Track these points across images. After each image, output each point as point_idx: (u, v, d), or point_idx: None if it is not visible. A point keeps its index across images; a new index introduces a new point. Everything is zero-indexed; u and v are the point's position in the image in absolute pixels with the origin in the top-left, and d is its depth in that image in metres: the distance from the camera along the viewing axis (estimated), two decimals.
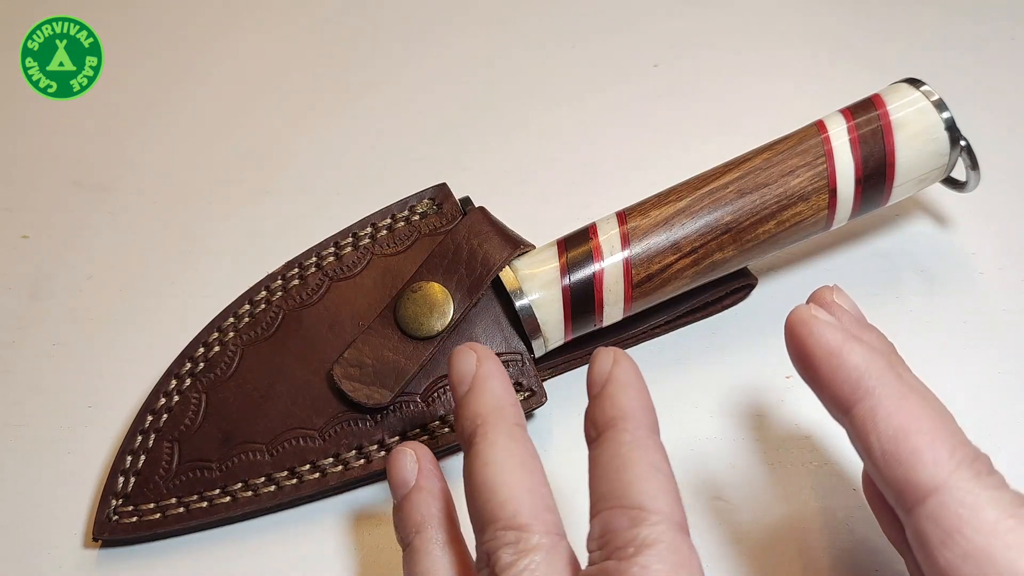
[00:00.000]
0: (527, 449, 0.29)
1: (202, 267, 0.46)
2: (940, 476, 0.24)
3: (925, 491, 0.24)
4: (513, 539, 0.26)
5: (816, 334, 0.27)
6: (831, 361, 0.26)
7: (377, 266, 0.40)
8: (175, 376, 0.39)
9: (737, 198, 0.38)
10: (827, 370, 0.27)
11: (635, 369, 0.28)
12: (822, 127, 0.39)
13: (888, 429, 0.25)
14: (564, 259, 0.38)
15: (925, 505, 0.24)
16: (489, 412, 0.29)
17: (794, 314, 0.28)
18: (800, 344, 0.27)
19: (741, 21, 0.55)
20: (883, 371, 0.26)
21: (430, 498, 0.32)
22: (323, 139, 0.51)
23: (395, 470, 0.33)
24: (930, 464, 0.24)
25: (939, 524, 0.24)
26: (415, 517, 0.31)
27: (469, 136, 0.51)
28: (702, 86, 0.52)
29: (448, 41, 0.56)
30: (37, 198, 0.50)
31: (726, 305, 0.42)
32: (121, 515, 0.36)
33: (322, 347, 0.39)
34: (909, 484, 0.24)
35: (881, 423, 0.25)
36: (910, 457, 0.25)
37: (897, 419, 0.25)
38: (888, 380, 0.26)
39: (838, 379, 0.26)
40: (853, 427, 0.26)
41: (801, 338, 0.27)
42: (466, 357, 0.31)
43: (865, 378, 0.26)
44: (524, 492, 0.27)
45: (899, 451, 0.25)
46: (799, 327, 0.27)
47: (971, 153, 0.39)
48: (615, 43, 0.55)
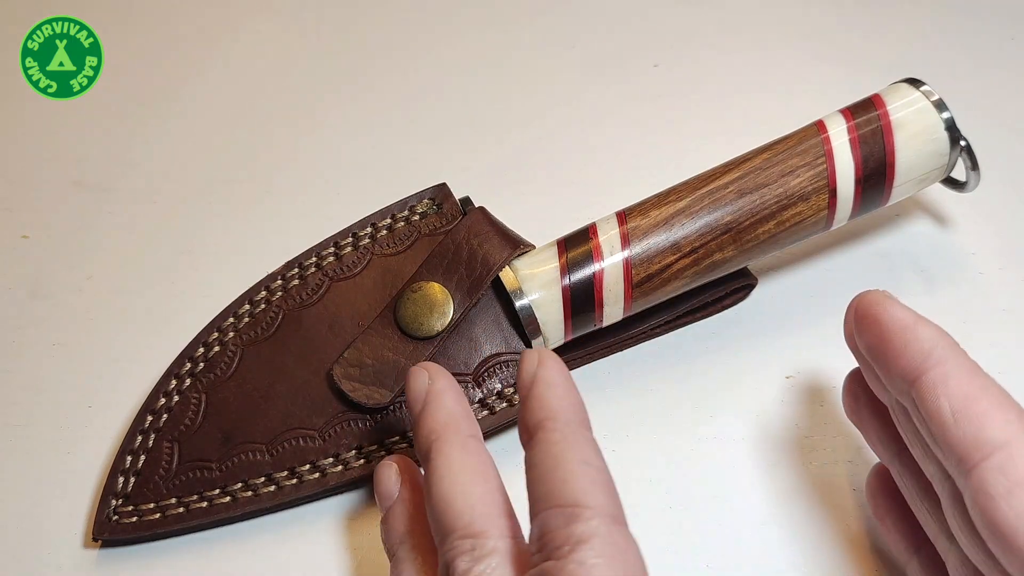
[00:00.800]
0: (480, 459, 0.29)
1: (202, 267, 0.46)
2: (1010, 432, 0.25)
3: (994, 446, 0.25)
4: (469, 547, 0.27)
5: (891, 311, 0.28)
6: (905, 335, 0.28)
7: (377, 266, 0.40)
8: (175, 376, 0.39)
9: (737, 198, 0.38)
10: (900, 342, 0.28)
11: (560, 367, 0.29)
12: (822, 127, 0.39)
13: (960, 391, 0.26)
14: (564, 259, 0.38)
15: (992, 459, 0.25)
16: (442, 427, 0.30)
17: (868, 295, 0.29)
18: (874, 320, 0.29)
19: (741, 21, 0.55)
20: (954, 346, 0.28)
21: (414, 510, 0.33)
22: (323, 139, 0.51)
23: (380, 483, 0.34)
24: (1001, 422, 0.26)
25: (1007, 475, 0.25)
26: (399, 528, 0.32)
27: (469, 136, 0.51)
28: (702, 86, 0.52)
29: (448, 41, 0.56)
30: (37, 198, 0.50)
31: (726, 305, 0.42)
32: (121, 515, 0.36)
33: (322, 347, 0.39)
34: (978, 440, 0.25)
35: (953, 387, 0.26)
36: (982, 416, 0.26)
37: (969, 385, 0.27)
38: (959, 354, 0.28)
39: (911, 350, 0.27)
40: (920, 393, 0.27)
41: (876, 316, 0.29)
42: (418, 377, 0.32)
43: (938, 349, 0.27)
44: (477, 500, 0.28)
45: (970, 410, 0.26)
46: (874, 306, 0.29)
47: (971, 153, 0.39)
48: (615, 43, 0.55)
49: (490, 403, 0.38)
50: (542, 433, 0.27)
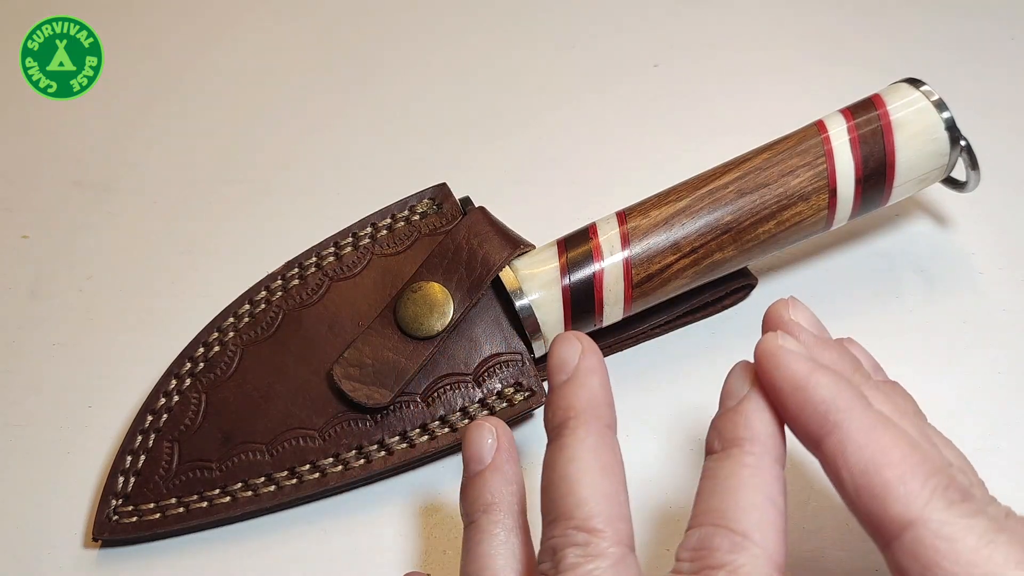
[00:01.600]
0: (614, 455, 0.28)
1: (202, 267, 0.46)
2: (914, 509, 0.24)
3: (900, 525, 0.24)
4: (583, 540, 0.26)
5: (783, 367, 0.26)
6: (797, 396, 0.26)
7: (377, 266, 0.40)
8: (175, 376, 0.39)
9: (737, 198, 0.38)
10: (794, 405, 0.26)
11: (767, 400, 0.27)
12: (822, 127, 0.39)
13: (859, 463, 0.25)
14: (564, 259, 0.38)
15: (901, 540, 0.24)
16: (584, 407, 0.28)
17: (760, 345, 0.27)
18: (768, 378, 0.27)
19: (741, 21, 0.55)
20: (850, 402, 0.26)
21: (503, 480, 0.30)
22: (323, 139, 0.51)
23: (472, 444, 0.31)
24: (903, 497, 0.24)
25: (917, 559, 0.23)
26: (485, 496, 0.30)
27: (469, 136, 0.51)
28: (702, 86, 0.52)
29: (448, 41, 0.56)
30: (37, 198, 0.50)
31: (726, 305, 0.42)
32: (121, 515, 0.36)
33: (322, 347, 0.39)
34: (884, 519, 0.24)
35: (851, 457, 0.25)
36: (882, 491, 0.24)
37: (867, 452, 0.25)
38: (855, 411, 0.25)
39: (806, 413, 0.26)
40: (824, 461, 0.26)
41: (768, 372, 0.27)
42: (570, 345, 0.29)
43: (832, 411, 0.25)
44: (603, 496, 0.26)
45: (871, 485, 0.24)
46: (765, 361, 0.27)
47: (971, 153, 0.39)
48: (615, 43, 0.55)
49: (490, 403, 0.38)
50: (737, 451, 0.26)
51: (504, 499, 0.30)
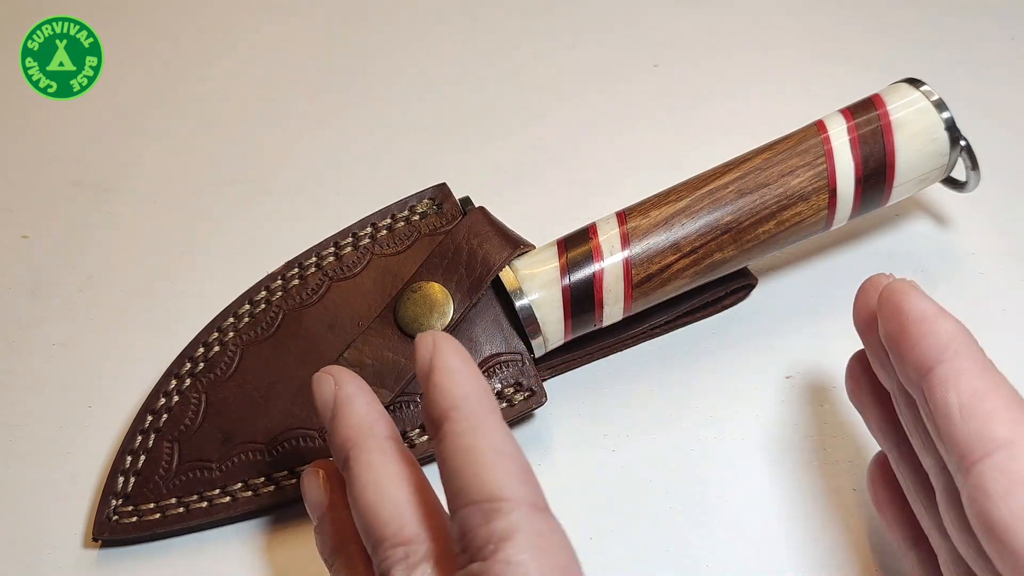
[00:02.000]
0: (400, 462, 0.29)
1: (202, 267, 0.46)
2: (1015, 431, 0.25)
3: (997, 444, 0.25)
4: (403, 555, 0.26)
5: (913, 301, 0.28)
6: (924, 325, 0.27)
7: (377, 266, 0.40)
8: (175, 376, 0.39)
9: (737, 198, 0.38)
10: (918, 332, 0.27)
11: (456, 349, 0.28)
12: (822, 127, 0.39)
13: (969, 387, 0.26)
14: (564, 259, 0.38)
15: (994, 456, 0.25)
16: (356, 433, 0.29)
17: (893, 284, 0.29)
18: (896, 307, 0.28)
19: (741, 21, 0.55)
20: (971, 343, 0.27)
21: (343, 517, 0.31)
22: (323, 139, 0.51)
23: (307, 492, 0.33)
24: (1007, 421, 0.25)
25: (1007, 474, 0.24)
26: (332, 539, 0.31)
27: (469, 136, 0.51)
28: (702, 86, 0.52)
29: (448, 41, 0.56)
30: (37, 198, 0.50)
31: (726, 305, 0.42)
32: (121, 515, 0.36)
33: (322, 347, 0.39)
34: (982, 437, 0.25)
35: (963, 382, 0.26)
36: (988, 413, 0.25)
37: (980, 382, 0.26)
38: (975, 351, 0.27)
39: (927, 342, 0.27)
40: (933, 383, 0.27)
41: (898, 303, 0.28)
42: (323, 384, 0.31)
43: (955, 343, 0.27)
44: (403, 505, 0.27)
45: (978, 407, 0.26)
46: (898, 294, 0.28)
47: (971, 153, 0.39)
48: (615, 43, 0.55)
49: None
50: (447, 425, 0.26)
51: (349, 535, 0.31)
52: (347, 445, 0.29)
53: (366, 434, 0.29)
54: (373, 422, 0.30)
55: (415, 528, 0.27)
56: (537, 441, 0.39)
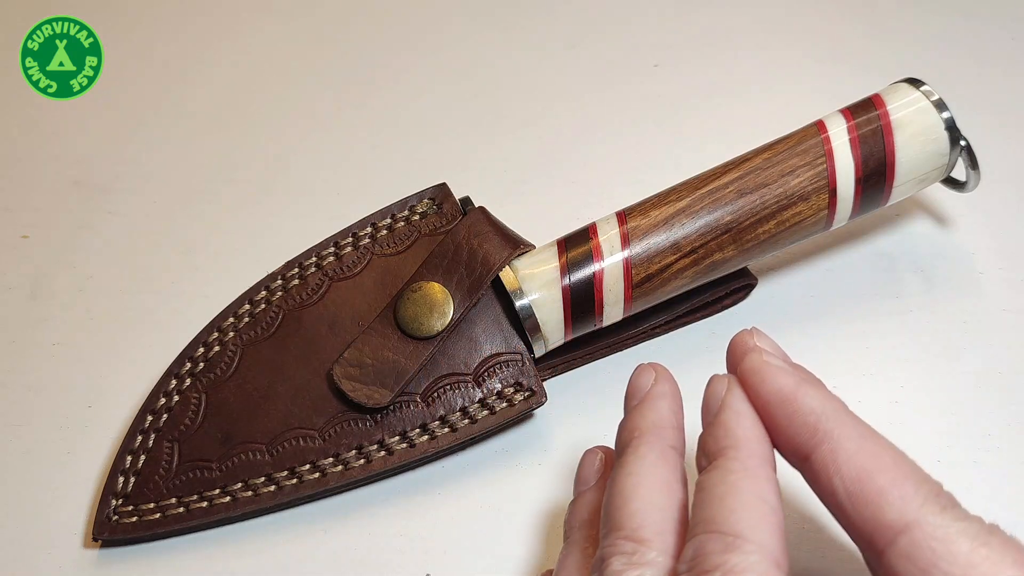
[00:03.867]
0: (674, 473, 0.28)
1: (202, 267, 0.46)
2: (909, 513, 0.24)
3: (896, 530, 0.24)
4: (630, 550, 0.26)
5: (769, 380, 0.27)
6: (786, 408, 0.26)
7: (377, 266, 0.40)
8: (175, 376, 0.39)
9: (737, 198, 0.38)
10: (783, 417, 0.26)
11: (746, 397, 0.28)
12: (822, 127, 0.39)
13: (851, 471, 0.25)
14: (564, 259, 0.38)
15: (896, 544, 0.24)
16: (648, 428, 0.29)
17: (745, 363, 0.28)
18: (755, 393, 0.27)
19: (741, 21, 0.55)
20: (838, 412, 0.26)
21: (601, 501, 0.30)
22: (323, 139, 0.51)
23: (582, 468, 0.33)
24: (897, 501, 0.24)
25: (914, 562, 0.24)
26: (582, 514, 0.31)
27: (469, 136, 0.51)
28: (702, 86, 0.52)
29: (448, 41, 0.56)
30: (37, 198, 0.50)
31: (726, 305, 0.42)
32: (121, 515, 0.36)
33: (322, 347, 0.39)
34: (879, 524, 0.24)
35: (843, 466, 0.25)
36: (877, 497, 0.24)
37: (859, 460, 0.25)
38: (845, 420, 0.26)
39: (795, 425, 0.26)
40: (813, 472, 0.26)
41: (755, 387, 0.27)
42: (644, 374, 0.31)
43: (822, 421, 0.26)
44: (655, 509, 0.27)
45: (865, 491, 0.25)
46: (752, 375, 0.27)
47: (971, 153, 0.39)
48: (615, 43, 0.55)
49: (490, 403, 0.38)
50: (723, 460, 0.26)
51: (599, 519, 0.30)
52: (634, 434, 0.29)
53: (656, 433, 0.29)
54: (669, 427, 0.29)
55: (653, 534, 0.26)
56: (537, 441, 0.39)
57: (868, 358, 0.40)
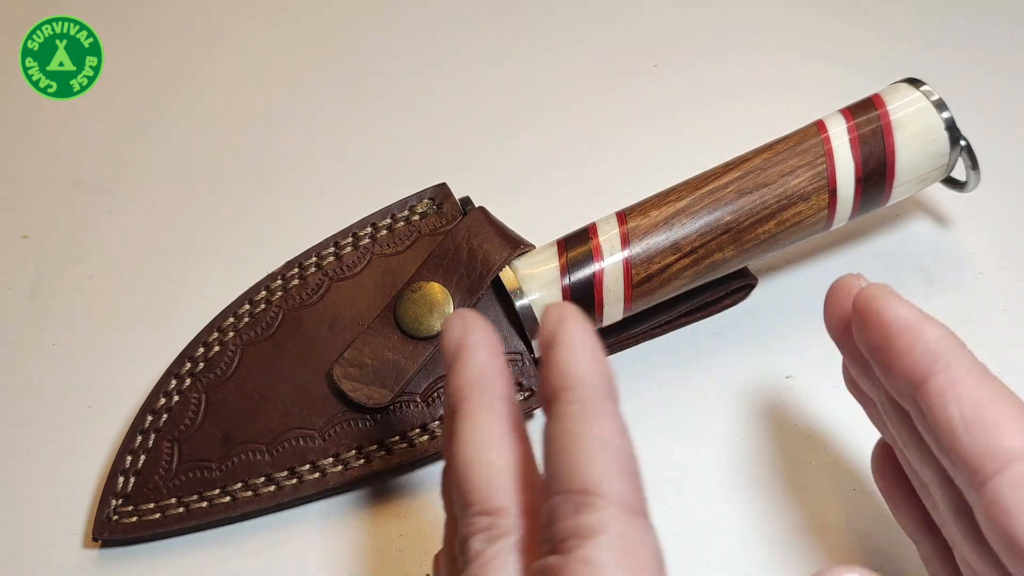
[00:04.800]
0: (509, 423, 0.26)
1: (202, 267, 0.46)
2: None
3: (1009, 456, 0.24)
4: (486, 524, 0.24)
5: (894, 308, 0.27)
6: (909, 335, 0.26)
7: (377, 266, 0.40)
8: (175, 376, 0.39)
9: (737, 198, 0.38)
10: (905, 342, 0.26)
11: (583, 326, 0.25)
12: (822, 127, 0.39)
13: (970, 398, 0.25)
14: (564, 259, 0.38)
15: (1008, 471, 0.24)
16: (469, 384, 0.26)
17: (868, 289, 0.27)
18: (875, 317, 0.27)
19: (741, 21, 0.55)
20: (962, 347, 0.26)
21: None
22: (323, 139, 0.51)
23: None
24: (1016, 431, 0.24)
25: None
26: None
27: (469, 136, 0.51)
28: (702, 86, 0.52)
29: (448, 41, 0.56)
30: (37, 198, 0.50)
31: (726, 305, 0.42)
32: (121, 515, 0.36)
33: (322, 347, 0.39)
34: (992, 450, 0.24)
35: (963, 393, 0.25)
36: (995, 424, 0.24)
37: (980, 391, 0.25)
38: (968, 356, 0.26)
39: (916, 352, 0.26)
40: (929, 397, 0.25)
41: (877, 312, 0.27)
42: (452, 328, 0.28)
43: (946, 351, 0.26)
44: (500, 473, 0.25)
45: (983, 418, 0.24)
46: (875, 301, 0.27)
47: (971, 153, 0.39)
48: (615, 43, 0.55)
49: None
50: (556, 405, 0.24)
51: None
52: (458, 395, 0.26)
53: (478, 387, 0.26)
54: (491, 375, 0.27)
55: (506, 500, 0.24)
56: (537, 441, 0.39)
57: None
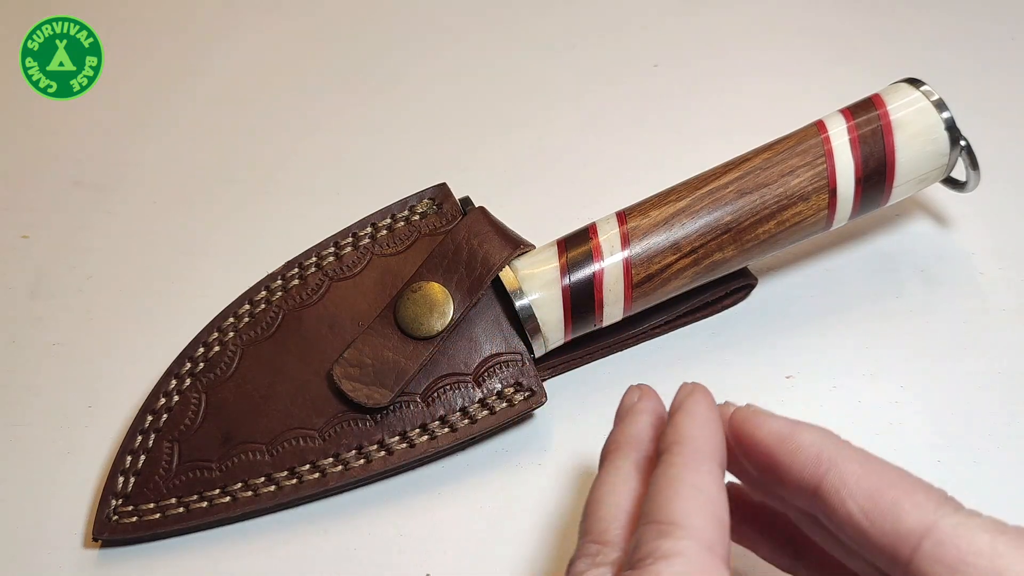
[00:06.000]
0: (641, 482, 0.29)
1: (202, 267, 0.46)
2: (927, 517, 0.25)
3: (918, 535, 0.25)
4: (594, 551, 0.27)
5: (766, 424, 0.28)
6: (787, 445, 0.27)
7: (377, 266, 0.40)
8: (175, 376, 0.39)
9: (737, 198, 0.38)
10: (786, 454, 0.27)
11: (707, 402, 0.29)
12: (822, 127, 0.39)
13: (862, 490, 0.26)
14: (564, 259, 0.38)
15: (921, 549, 0.24)
16: (625, 441, 0.30)
17: (735, 415, 0.29)
18: (751, 439, 0.28)
19: (741, 21, 0.55)
20: (836, 440, 0.27)
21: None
22: (323, 139, 0.51)
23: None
24: (914, 509, 0.25)
25: (942, 561, 0.24)
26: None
27: (469, 136, 0.51)
28: (702, 86, 0.52)
29: (448, 41, 0.56)
30: (37, 198, 0.50)
31: (726, 305, 0.42)
32: (121, 515, 0.36)
33: (322, 347, 0.39)
34: (900, 534, 0.25)
35: (854, 487, 0.26)
36: (893, 508, 0.25)
37: (867, 478, 0.26)
38: (844, 447, 0.27)
39: (799, 459, 0.27)
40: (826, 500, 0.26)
41: (751, 433, 0.28)
42: (631, 393, 0.32)
43: (824, 450, 0.27)
44: (621, 513, 0.28)
45: (880, 505, 0.25)
46: (745, 425, 0.28)
47: (971, 153, 0.39)
48: (615, 43, 0.55)
49: (490, 403, 0.38)
50: (666, 456, 0.27)
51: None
52: (611, 448, 0.31)
53: (632, 445, 0.30)
54: (646, 440, 0.30)
55: (617, 535, 0.27)
56: (537, 441, 0.39)
57: (868, 358, 0.40)
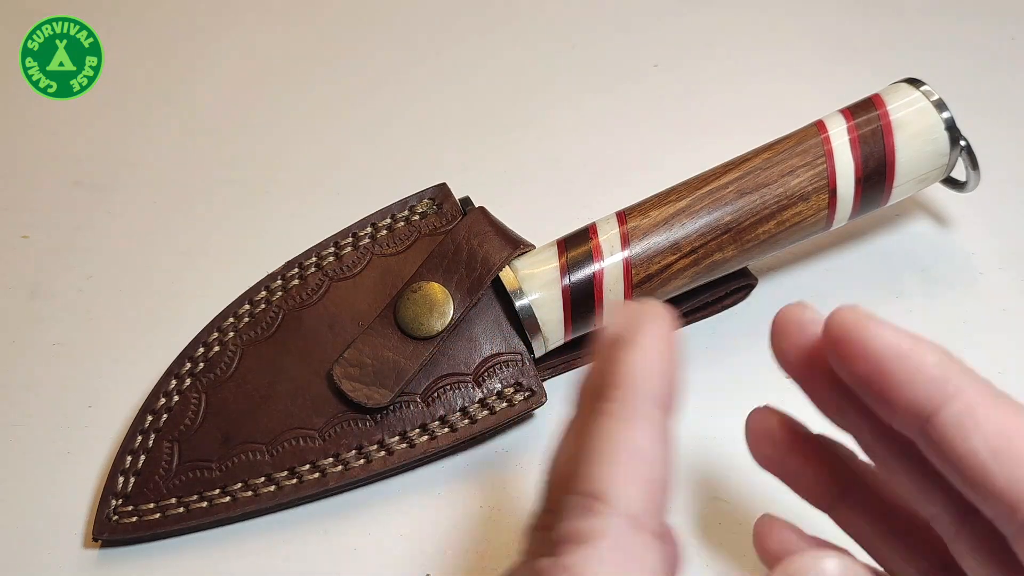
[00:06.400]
0: None
1: (202, 267, 0.46)
2: None
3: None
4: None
5: (881, 335, 0.23)
6: (905, 364, 0.23)
7: (377, 266, 0.40)
8: (175, 376, 0.39)
9: (737, 198, 0.38)
10: (903, 373, 0.23)
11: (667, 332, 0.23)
12: (822, 127, 0.39)
13: (994, 426, 0.22)
14: (564, 259, 0.38)
15: None
16: None
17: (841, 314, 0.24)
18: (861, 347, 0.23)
19: (741, 21, 0.55)
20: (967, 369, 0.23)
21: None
22: (323, 139, 0.51)
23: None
24: None
25: None
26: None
27: (469, 136, 0.51)
28: (702, 86, 0.52)
29: (448, 41, 0.56)
30: (37, 198, 0.50)
31: (726, 305, 0.42)
32: (121, 515, 0.36)
33: (322, 347, 0.39)
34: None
35: (983, 421, 0.22)
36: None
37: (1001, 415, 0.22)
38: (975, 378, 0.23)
39: (919, 381, 0.23)
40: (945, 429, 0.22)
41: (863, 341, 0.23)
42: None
43: (952, 376, 0.23)
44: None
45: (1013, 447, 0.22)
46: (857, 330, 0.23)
47: (971, 153, 0.39)
48: (615, 43, 0.55)
49: (490, 403, 0.38)
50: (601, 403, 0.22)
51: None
52: None
53: None
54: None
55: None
56: (537, 441, 0.39)
57: None
